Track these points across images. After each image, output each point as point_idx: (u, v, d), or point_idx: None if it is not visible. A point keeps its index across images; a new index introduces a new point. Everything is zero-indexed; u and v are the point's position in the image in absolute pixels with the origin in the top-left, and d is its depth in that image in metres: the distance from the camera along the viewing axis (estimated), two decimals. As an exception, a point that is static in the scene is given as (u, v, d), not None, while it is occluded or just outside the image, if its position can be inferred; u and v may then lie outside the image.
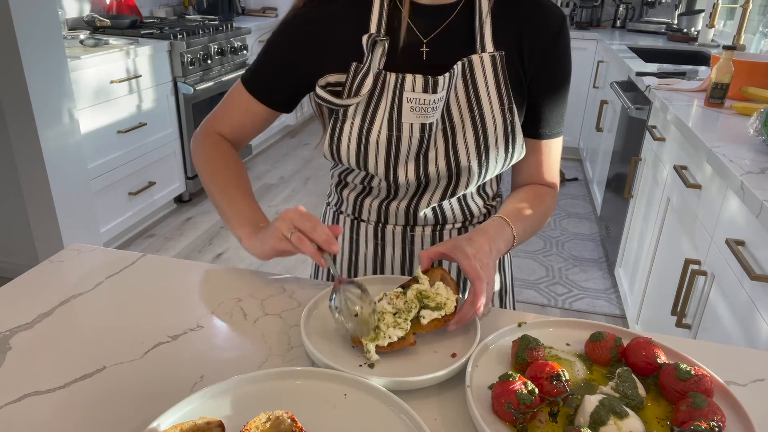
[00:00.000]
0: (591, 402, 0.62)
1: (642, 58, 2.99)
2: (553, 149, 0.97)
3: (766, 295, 1.21)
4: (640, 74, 2.51)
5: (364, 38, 0.85)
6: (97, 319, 0.83)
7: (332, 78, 0.88)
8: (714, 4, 3.03)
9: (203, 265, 1.00)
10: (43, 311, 0.84)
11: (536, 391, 0.63)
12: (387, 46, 0.85)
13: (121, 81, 2.80)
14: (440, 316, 0.76)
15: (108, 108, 2.77)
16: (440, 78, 0.84)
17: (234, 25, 3.73)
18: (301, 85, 0.94)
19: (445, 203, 0.96)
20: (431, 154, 0.88)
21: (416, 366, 0.73)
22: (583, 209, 3.65)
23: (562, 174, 4.02)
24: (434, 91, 0.84)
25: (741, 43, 2.91)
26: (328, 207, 1.08)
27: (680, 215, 1.85)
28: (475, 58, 0.85)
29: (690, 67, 2.79)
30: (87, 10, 3.40)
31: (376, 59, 0.85)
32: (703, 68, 2.74)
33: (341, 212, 1.04)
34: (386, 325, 0.74)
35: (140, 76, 2.94)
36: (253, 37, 4.01)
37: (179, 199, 3.57)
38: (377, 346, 0.71)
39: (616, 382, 0.66)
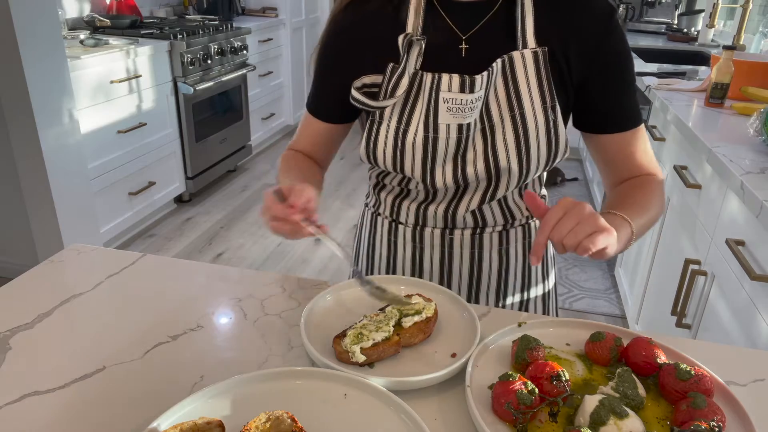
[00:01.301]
0: (591, 402, 0.62)
1: (642, 58, 2.99)
2: (639, 138, 0.90)
3: (766, 295, 1.21)
4: (640, 74, 2.51)
5: (400, 38, 0.83)
6: (97, 319, 0.83)
7: (368, 79, 0.86)
8: (714, 4, 3.03)
9: (203, 265, 1.00)
10: (43, 311, 0.84)
11: (536, 391, 0.63)
12: (424, 45, 0.83)
13: (121, 81, 2.80)
14: (421, 320, 0.77)
15: (108, 108, 2.77)
16: (477, 77, 0.81)
17: (234, 25, 3.73)
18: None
19: (485, 206, 0.93)
20: (470, 156, 0.86)
21: (416, 366, 0.73)
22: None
23: (562, 174, 4.02)
24: (471, 91, 0.81)
25: (741, 43, 2.91)
26: (366, 208, 1.07)
27: (680, 215, 1.85)
28: (516, 54, 0.82)
29: (690, 67, 2.79)
30: (87, 10, 3.39)
31: (413, 59, 0.83)
32: (703, 68, 2.73)
33: (379, 214, 1.03)
34: (369, 330, 0.74)
35: (140, 76, 2.94)
36: (254, 37, 4.01)
37: (179, 199, 3.57)
38: (362, 349, 0.71)
39: (616, 382, 0.66)
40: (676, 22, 4.26)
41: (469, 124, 0.84)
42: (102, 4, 3.51)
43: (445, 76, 0.82)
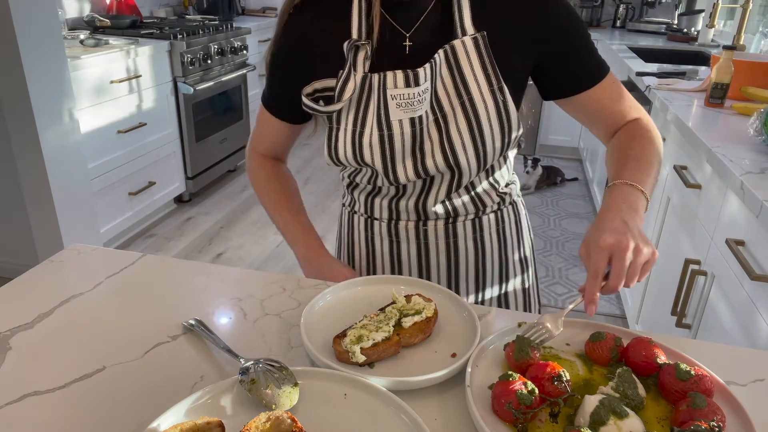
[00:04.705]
0: (591, 402, 0.62)
1: (642, 58, 2.99)
2: (610, 86, 0.92)
3: (766, 295, 1.21)
4: (640, 74, 2.51)
5: (345, 45, 0.86)
6: (97, 319, 0.83)
7: (319, 84, 0.89)
8: (714, 4, 3.03)
9: (203, 265, 1.00)
10: (43, 311, 0.84)
11: (536, 391, 0.63)
12: (369, 49, 0.86)
13: (121, 81, 2.80)
14: (421, 320, 0.77)
15: (108, 108, 2.77)
16: (420, 70, 0.84)
17: (234, 25, 3.73)
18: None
19: (454, 196, 0.96)
20: (427, 147, 0.88)
21: (416, 366, 0.73)
22: (583, 209, 3.65)
23: (562, 174, 4.02)
24: (416, 84, 0.84)
25: (741, 43, 2.90)
26: (344, 208, 1.10)
27: (680, 215, 1.85)
28: (456, 43, 0.85)
29: (690, 67, 2.79)
30: (87, 10, 3.39)
31: (360, 63, 0.86)
32: (703, 68, 2.73)
33: (355, 212, 1.06)
34: (369, 330, 0.74)
35: (140, 76, 2.94)
36: (254, 37, 4.01)
37: (179, 199, 3.57)
38: (362, 349, 0.71)
39: (616, 382, 0.66)
40: (676, 22, 4.26)
41: (420, 117, 0.86)
42: (102, 4, 3.51)
43: (389, 74, 0.84)
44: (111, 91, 2.76)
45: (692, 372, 0.65)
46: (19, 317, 0.82)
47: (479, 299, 1.05)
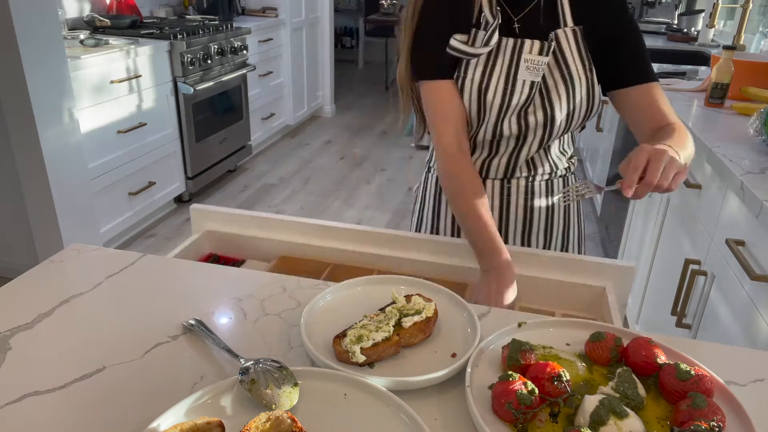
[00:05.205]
0: (591, 402, 0.62)
1: (642, 58, 2.98)
2: (660, 92, 1.08)
3: (766, 295, 1.21)
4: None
5: (486, 10, 1.04)
6: (97, 319, 0.83)
7: (459, 37, 1.05)
8: (714, 4, 3.03)
9: (203, 265, 1.00)
10: (43, 311, 0.84)
11: (536, 391, 0.63)
12: (499, 18, 1.03)
13: (121, 81, 2.80)
14: (421, 320, 0.77)
15: (108, 108, 2.77)
16: (553, 43, 1.03)
17: (234, 25, 3.73)
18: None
19: (536, 156, 1.14)
20: (530, 108, 1.07)
21: (416, 366, 0.73)
22: (583, 209, 3.65)
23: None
24: (546, 54, 1.03)
25: (741, 43, 2.91)
26: (430, 173, 1.26)
27: (680, 215, 1.85)
28: (560, 31, 1.05)
29: (690, 67, 2.79)
30: (87, 10, 3.39)
31: (492, 26, 1.03)
32: (703, 68, 2.74)
33: None
34: (369, 330, 0.74)
35: (140, 76, 2.94)
36: (254, 37, 4.01)
37: (179, 199, 3.57)
38: (362, 349, 0.71)
39: (616, 382, 0.66)
40: (676, 22, 4.27)
41: (537, 82, 1.05)
42: (102, 4, 3.51)
43: (527, 41, 1.04)
44: (111, 91, 2.76)
45: (692, 372, 0.65)
46: (19, 317, 0.82)
47: (546, 247, 1.22)
